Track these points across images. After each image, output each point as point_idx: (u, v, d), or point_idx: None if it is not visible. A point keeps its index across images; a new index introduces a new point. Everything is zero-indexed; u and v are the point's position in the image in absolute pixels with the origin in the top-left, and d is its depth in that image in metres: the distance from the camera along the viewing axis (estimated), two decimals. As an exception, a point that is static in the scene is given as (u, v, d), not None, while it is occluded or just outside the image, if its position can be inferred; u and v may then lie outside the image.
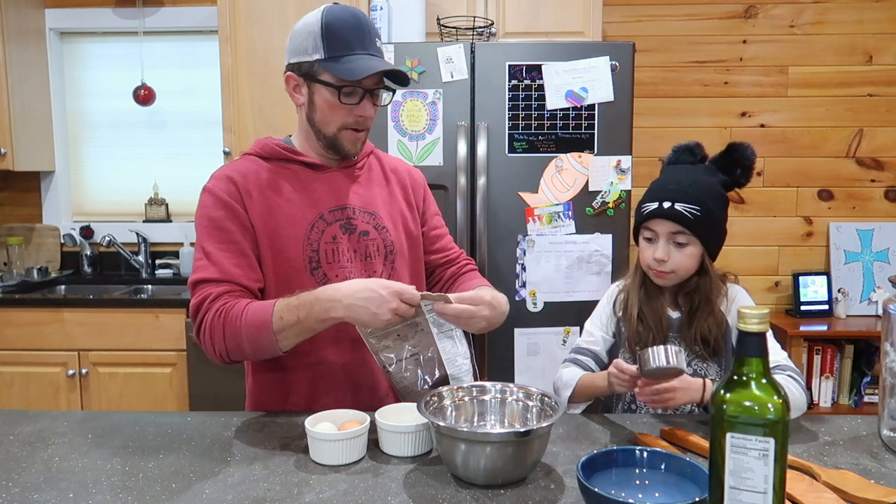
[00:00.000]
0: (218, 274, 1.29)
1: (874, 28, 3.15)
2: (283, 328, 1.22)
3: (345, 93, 1.30)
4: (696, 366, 1.43)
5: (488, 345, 2.42)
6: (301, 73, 1.33)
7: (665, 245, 1.41)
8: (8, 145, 2.97)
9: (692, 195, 1.39)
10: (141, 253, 3.26)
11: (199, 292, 1.29)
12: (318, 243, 1.35)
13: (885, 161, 3.21)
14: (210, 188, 1.35)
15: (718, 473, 0.82)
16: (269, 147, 1.40)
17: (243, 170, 1.36)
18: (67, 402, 2.75)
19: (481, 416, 1.21)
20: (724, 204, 1.44)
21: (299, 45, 1.32)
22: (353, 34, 1.29)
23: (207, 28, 3.20)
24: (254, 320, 1.23)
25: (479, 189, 2.37)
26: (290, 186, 1.37)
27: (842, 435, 1.24)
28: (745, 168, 1.43)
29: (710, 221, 1.39)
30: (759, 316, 0.80)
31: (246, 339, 1.24)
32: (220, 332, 1.25)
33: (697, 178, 1.43)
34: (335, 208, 1.39)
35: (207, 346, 1.29)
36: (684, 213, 1.38)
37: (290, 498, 1.00)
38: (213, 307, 1.27)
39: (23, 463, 1.12)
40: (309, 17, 1.32)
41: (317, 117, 1.35)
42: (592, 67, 2.39)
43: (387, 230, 1.43)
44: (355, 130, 1.36)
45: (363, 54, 1.29)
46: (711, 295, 1.42)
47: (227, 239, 1.31)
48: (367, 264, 1.39)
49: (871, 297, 3.18)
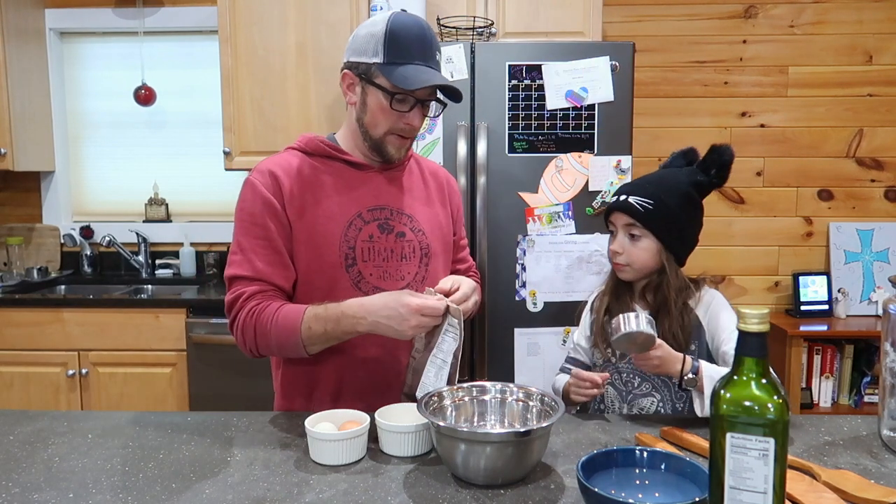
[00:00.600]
0: (251, 272, 1.33)
1: (874, 28, 3.15)
2: (311, 336, 1.28)
3: (397, 99, 1.32)
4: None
5: (488, 345, 2.42)
6: (358, 73, 1.34)
7: (621, 237, 1.46)
8: (8, 145, 2.97)
9: (648, 189, 1.43)
10: (141, 253, 3.26)
11: (234, 289, 1.35)
12: (354, 241, 1.37)
13: (885, 161, 3.22)
14: (252, 181, 1.36)
15: (718, 473, 0.82)
16: (314, 143, 1.41)
17: (286, 164, 1.38)
18: (67, 402, 2.75)
19: (481, 416, 1.21)
20: (687, 202, 1.44)
21: (361, 46, 1.33)
22: (416, 44, 1.31)
23: (207, 28, 3.20)
24: (284, 326, 1.29)
25: (479, 189, 2.37)
26: (331, 183, 1.38)
27: (842, 435, 1.24)
28: (721, 167, 1.44)
29: (663, 216, 1.41)
30: (759, 316, 0.80)
31: (275, 342, 1.31)
32: (252, 332, 1.31)
33: (664, 176, 1.46)
34: (374, 208, 1.40)
35: (239, 341, 1.35)
36: (636, 206, 1.42)
37: (290, 498, 1.00)
38: (247, 306, 1.32)
39: (23, 463, 1.12)
40: (376, 19, 1.33)
41: (366, 118, 1.36)
42: (592, 67, 2.39)
43: (423, 233, 1.44)
44: (401, 137, 1.37)
45: (421, 65, 1.31)
46: (669, 294, 1.42)
47: (262, 235, 1.34)
48: (401, 265, 1.41)
49: (871, 297, 3.18)
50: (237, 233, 1.36)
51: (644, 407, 1.44)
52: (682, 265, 1.48)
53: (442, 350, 1.27)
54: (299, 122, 2.78)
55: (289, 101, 2.83)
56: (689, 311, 1.43)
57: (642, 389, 1.44)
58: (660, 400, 1.43)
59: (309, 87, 2.80)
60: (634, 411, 1.44)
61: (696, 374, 1.25)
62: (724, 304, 1.45)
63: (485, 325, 2.40)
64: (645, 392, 1.44)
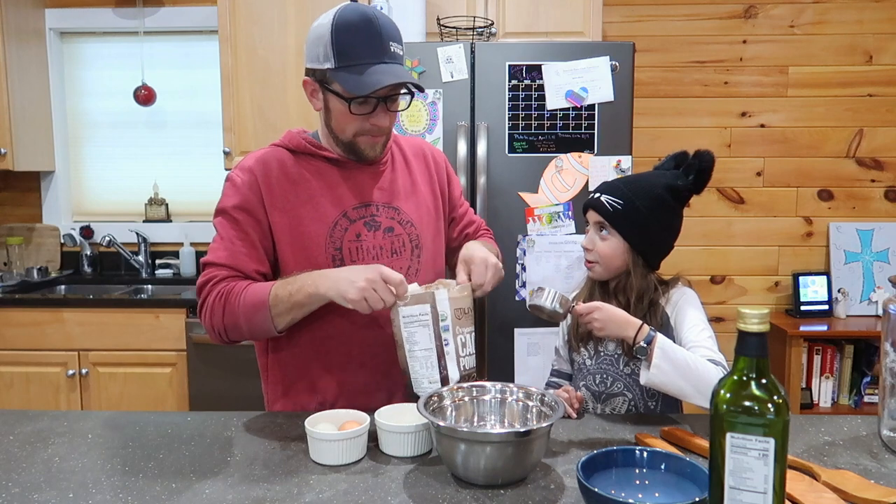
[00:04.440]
0: (227, 259, 1.33)
1: (874, 28, 3.15)
2: (278, 304, 1.26)
3: (356, 103, 1.28)
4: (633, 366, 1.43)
5: (488, 345, 2.42)
6: (316, 80, 1.32)
7: (592, 234, 1.47)
8: (8, 145, 2.97)
9: (621, 190, 1.43)
10: (141, 253, 3.26)
11: (205, 273, 1.34)
12: (340, 241, 1.36)
13: (885, 161, 3.22)
14: (232, 177, 1.37)
15: (718, 473, 0.82)
16: (297, 140, 1.39)
17: (269, 161, 1.37)
18: (67, 402, 2.75)
19: (481, 416, 1.21)
20: (659, 205, 1.43)
21: (312, 52, 1.30)
22: (364, 42, 1.24)
23: (207, 28, 3.20)
24: (252, 298, 1.28)
25: (479, 189, 2.37)
26: (314, 182, 1.37)
27: (842, 435, 1.24)
28: (700, 171, 1.44)
29: (631, 217, 1.41)
30: (759, 316, 0.80)
31: (243, 317, 1.28)
32: (221, 311, 1.30)
33: (641, 178, 1.47)
34: (359, 206, 1.39)
35: (207, 323, 1.33)
36: (605, 204, 1.43)
37: (290, 498, 1.00)
38: (216, 289, 1.31)
39: (23, 463, 1.12)
40: (322, 19, 1.29)
41: (332, 123, 1.35)
42: (592, 67, 2.39)
43: (412, 224, 1.43)
44: (372, 136, 1.35)
45: (374, 63, 1.25)
46: (632, 294, 1.43)
47: (238, 229, 1.34)
48: (393, 260, 1.40)
49: (871, 297, 3.18)
50: (216, 225, 1.36)
51: (616, 407, 1.45)
52: (655, 268, 1.47)
53: (415, 342, 1.25)
54: (299, 122, 2.78)
55: (289, 101, 2.83)
56: (657, 311, 1.43)
57: (614, 389, 1.45)
58: (631, 399, 1.44)
59: (309, 87, 2.80)
60: (608, 411, 1.45)
61: (649, 343, 1.24)
62: (692, 301, 1.44)
63: (485, 325, 2.40)
64: (617, 392, 1.45)
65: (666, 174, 1.47)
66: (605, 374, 1.46)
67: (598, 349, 1.48)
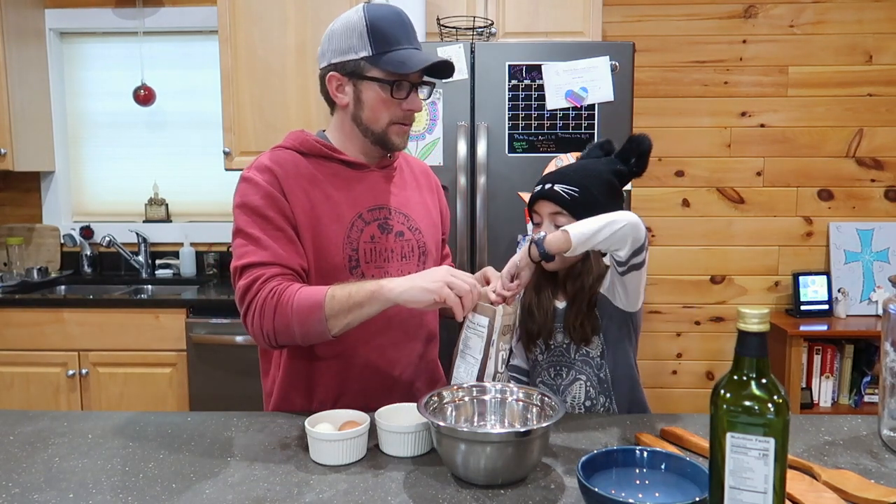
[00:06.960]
0: (269, 257, 1.28)
1: (874, 28, 3.15)
2: (334, 307, 1.23)
3: (396, 87, 1.31)
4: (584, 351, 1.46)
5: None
6: (346, 73, 1.32)
7: (548, 226, 1.46)
8: (8, 145, 2.97)
9: (572, 178, 1.44)
10: (141, 253, 3.26)
11: (249, 274, 1.28)
12: (357, 242, 1.36)
13: (885, 161, 3.22)
14: (250, 177, 1.32)
15: (718, 473, 0.82)
16: (308, 143, 1.37)
17: (283, 162, 1.34)
18: (67, 402, 2.75)
19: (481, 416, 1.21)
20: (609, 190, 1.45)
21: (342, 45, 1.31)
22: (399, 29, 1.30)
23: (207, 28, 3.20)
24: (306, 300, 1.23)
25: (479, 189, 2.37)
26: (330, 184, 1.36)
27: (842, 435, 1.24)
28: (640, 156, 1.46)
29: (588, 203, 1.42)
30: (759, 316, 0.80)
31: (297, 320, 1.24)
32: (271, 313, 1.25)
33: (585, 165, 1.49)
34: (373, 207, 1.39)
35: (256, 326, 1.28)
36: (562, 194, 1.43)
37: (290, 498, 1.00)
38: (267, 287, 1.26)
39: (23, 463, 1.12)
40: (349, 15, 1.31)
41: (364, 115, 1.35)
42: (592, 67, 2.39)
43: (420, 231, 1.45)
44: (403, 125, 1.36)
45: (410, 48, 1.31)
46: (587, 281, 1.44)
47: (272, 226, 1.30)
48: (402, 264, 1.41)
49: (871, 296, 3.18)
50: (244, 226, 1.30)
51: (576, 395, 1.46)
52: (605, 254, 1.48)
53: (469, 346, 1.29)
54: (299, 123, 2.78)
55: (289, 101, 2.83)
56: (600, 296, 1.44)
57: (569, 378, 1.46)
58: (586, 380, 1.45)
59: (309, 87, 2.80)
60: (568, 401, 1.46)
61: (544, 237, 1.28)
62: None
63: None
64: (571, 380, 1.46)
65: (603, 160, 1.50)
66: (559, 366, 1.48)
67: (548, 343, 1.49)
